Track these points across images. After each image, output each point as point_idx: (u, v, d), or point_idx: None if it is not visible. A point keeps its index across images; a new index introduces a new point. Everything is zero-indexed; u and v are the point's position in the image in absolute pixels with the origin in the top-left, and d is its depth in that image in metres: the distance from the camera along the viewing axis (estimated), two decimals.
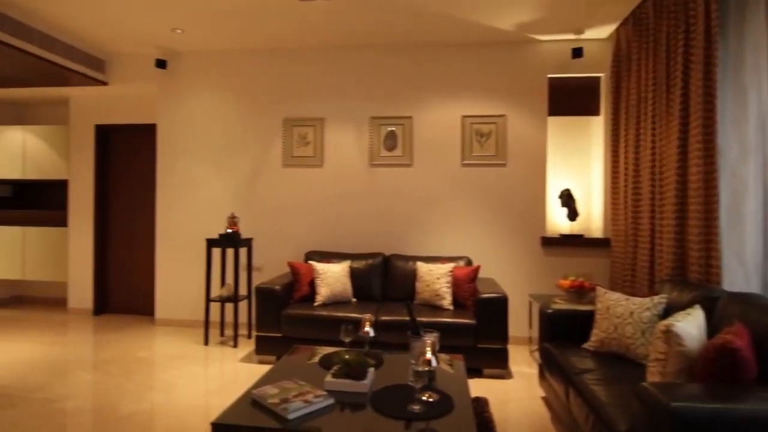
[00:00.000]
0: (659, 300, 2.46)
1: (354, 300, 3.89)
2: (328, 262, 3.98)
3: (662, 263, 3.01)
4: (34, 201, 5.86)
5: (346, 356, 2.14)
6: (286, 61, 4.56)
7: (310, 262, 3.92)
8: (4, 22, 3.69)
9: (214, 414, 2.73)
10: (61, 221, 5.37)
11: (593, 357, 2.51)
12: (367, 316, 2.44)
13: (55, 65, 4.23)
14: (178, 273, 4.72)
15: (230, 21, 3.94)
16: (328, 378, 2.06)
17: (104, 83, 4.82)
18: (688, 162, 2.79)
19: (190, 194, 4.70)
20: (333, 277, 3.74)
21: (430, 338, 2.01)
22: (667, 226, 2.96)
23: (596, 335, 2.61)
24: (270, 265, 4.54)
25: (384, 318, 3.42)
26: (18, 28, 3.81)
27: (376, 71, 4.44)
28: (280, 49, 4.57)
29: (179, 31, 4.16)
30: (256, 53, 4.60)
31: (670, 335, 1.92)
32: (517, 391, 3.18)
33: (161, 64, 4.60)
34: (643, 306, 2.46)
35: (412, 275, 3.91)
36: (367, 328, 2.40)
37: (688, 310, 2.11)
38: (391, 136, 4.38)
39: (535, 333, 4.11)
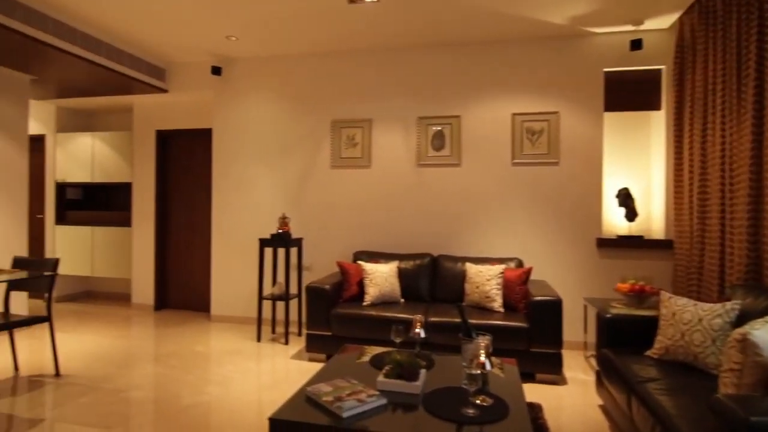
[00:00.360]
0: (732, 306, 2.29)
1: (402, 300, 3.89)
2: (376, 262, 4.00)
3: (733, 267, 2.81)
4: (101, 203, 6.27)
5: (398, 357, 2.14)
6: (335, 63, 4.63)
7: (359, 262, 3.96)
8: (76, 37, 3.97)
9: (268, 409, 2.82)
10: (126, 222, 5.71)
11: (657, 365, 2.38)
12: (418, 317, 2.42)
13: (121, 75, 4.51)
14: (232, 271, 4.90)
15: (281, 27, 4.04)
16: (380, 378, 2.07)
17: (165, 91, 5.08)
18: (763, 158, 2.59)
19: (244, 195, 4.86)
20: (381, 278, 3.75)
21: (483, 341, 1.97)
22: (739, 227, 2.76)
23: (660, 342, 2.47)
24: (319, 265, 4.62)
25: (433, 319, 3.40)
26: (89, 42, 4.09)
27: (423, 71, 4.42)
28: (328, 53, 4.65)
29: (233, 38, 4.32)
30: (306, 57, 4.70)
31: (746, 344, 1.78)
32: (572, 398, 3.07)
33: (216, 71, 4.79)
34: (714, 312, 2.30)
35: (461, 276, 3.86)
36: (418, 329, 2.39)
37: (767, 318, 1.95)
38: (439, 135, 4.35)
39: (591, 338, 3.96)
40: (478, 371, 1.86)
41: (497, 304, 3.52)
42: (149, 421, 2.63)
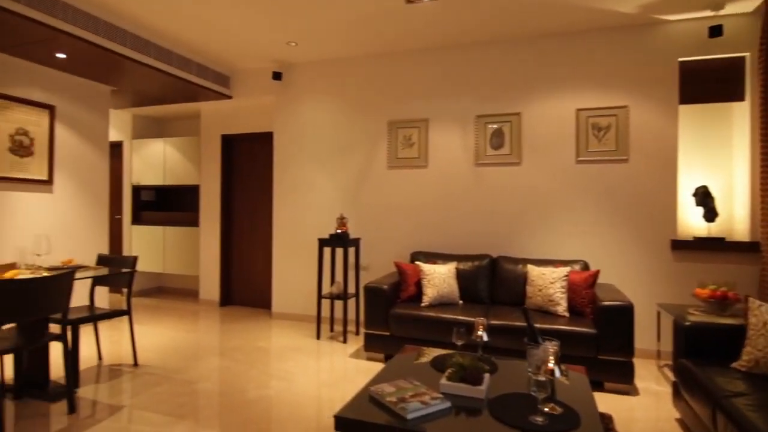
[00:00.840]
0: None
1: (461, 302, 3.83)
2: (434, 263, 3.97)
3: None
4: (172, 204, 6.67)
5: (461, 360, 2.11)
6: (391, 64, 4.64)
7: (417, 262, 3.94)
8: (150, 49, 4.23)
9: (329, 406, 2.86)
10: (194, 222, 6.04)
11: (746, 379, 2.18)
12: (480, 319, 2.37)
13: (190, 83, 4.77)
14: (292, 270, 5.04)
15: (338, 31, 4.11)
16: (444, 381, 2.04)
17: (229, 97, 5.32)
18: None
19: (303, 196, 4.99)
20: (439, 279, 3.71)
21: (552, 347, 1.90)
22: None
23: (749, 354, 2.26)
24: (376, 265, 4.65)
25: (493, 322, 3.32)
26: (162, 53, 4.35)
27: (481, 68, 4.33)
28: (384, 54, 4.67)
29: (293, 44, 4.44)
30: (363, 59, 4.75)
31: None
32: (645, 410, 2.88)
33: (277, 76, 4.95)
34: None
35: (522, 278, 3.74)
36: (481, 332, 2.34)
37: None
38: (498, 134, 4.24)
39: (664, 346, 3.72)
40: (547, 378, 1.79)
41: (562, 308, 3.38)
42: (217, 413, 2.75)
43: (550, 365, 1.84)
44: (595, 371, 3.08)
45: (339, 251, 4.75)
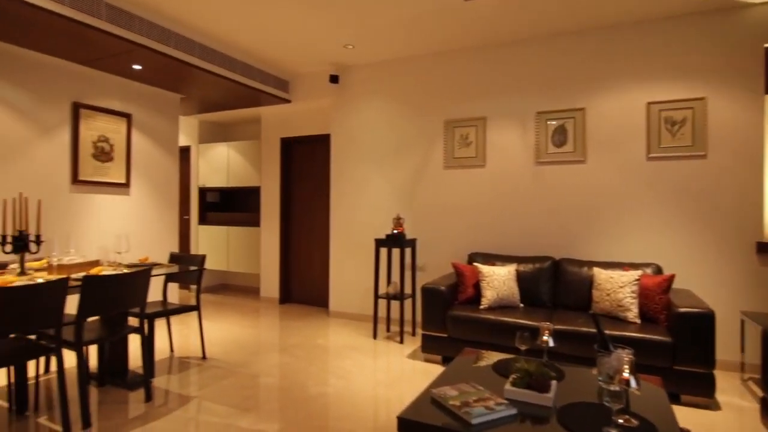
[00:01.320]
0: None
1: (521, 305, 3.71)
2: (492, 264, 3.88)
3: None
4: (235, 205, 6.97)
5: (526, 365, 2.04)
6: (448, 63, 4.59)
7: (475, 264, 3.87)
8: (217, 58, 4.44)
9: (387, 405, 2.87)
10: (255, 222, 6.28)
11: None
12: (546, 324, 2.28)
13: (252, 89, 4.96)
14: (349, 269, 5.11)
15: (395, 31, 4.11)
16: (508, 386, 1.98)
17: (288, 101, 5.48)
18: None
19: (359, 196, 5.04)
20: (499, 281, 3.62)
21: (627, 355, 1.79)
22: None
23: None
24: (432, 265, 4.62)
25: (557, 327, 3.18)
26: (226, 61, 4.55)
27: (541, 63, 4.18)
28: (441, 53, 4.62)
29: (350, 46, 4.50)
30: (418, 59, 4.73)
31: None
32: (728, 426, 2.66)
33: (334, 79, 5.04)
34: None
35: (588, 282, 3.57)
36: (547, 337, 2.25)
37: None
38: (561, 130, 4.08)
39: (750, 358, 3.41)
40: (622, 388, 1.69)
41: (632, 314, 3.18)
42: (280, 407, 2.84)
43: (625, 374, 1.74)
44: (670, 382, 2.87)
45: (395, 251, 4.76)
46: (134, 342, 3.91)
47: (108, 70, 4.42)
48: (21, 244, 2.63)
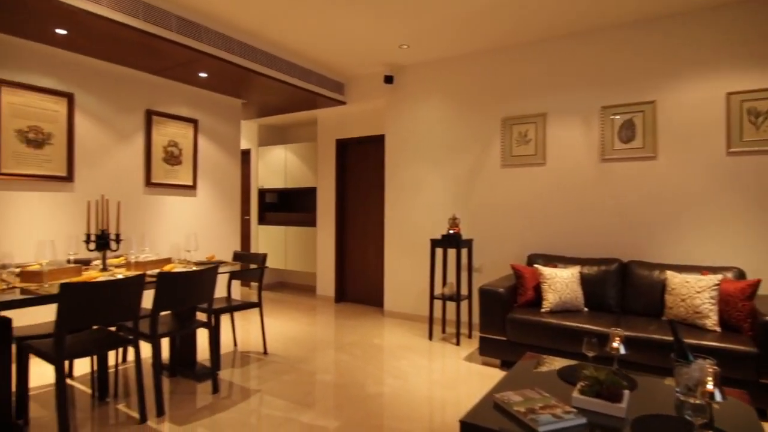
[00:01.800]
0: None
1: (585, 309, 3.55)
2: (554, 266, 3.73)
3: None
4: (292, 205, 7.18)
5: (595, 373, 1.94)
6: (504, 59, 4.47)
7: (535, 265, 3.74)
8: (276, 63, 4.59)
9: (445, 408, 2.83)
10: (312, 222, 6.43)
11: None
12: (617, 330, 2.16)
13: (309, 92, 5.08)
14: (403, 270, 5.11)
15: (451, 28, 4.06)
16: (576, 394, 1.89)
17: (343, 103, 5.56)
18: None
19: (413, 196, 5.03)
20: (561, 283, 3.48)
21: (710, 365, 1.65)
22: None
23: None
24: (489, 267, 4.52)
25: (627, 333, 3.01)
26: (285, 66, 4.69)
27: (605, 55, 3.97)
28: (497, 49, 4.51)
29: (405, 46, 4.50)
30: (474, 56, 4.65)
31: None
32: None
33: (389, 79, 5.05)
34: None
35: (659, 286, 3.35)
36: (617, 344, 2.13)
37: None
38: (628, 125, 3.85)
39: None
40: (705, 402, 1.56)
41: (711, 321, 2.95)
42: (340, 404, 2.88)
43: (709, 387, 1.61)
44: (755, 397, 2.63)
45: (451, 252, 4.70)
46: (201, 336, 4.11)
47: (176, 79, 4.69)
48: (103, 242, 2.84)
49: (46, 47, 3.75)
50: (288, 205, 7.23)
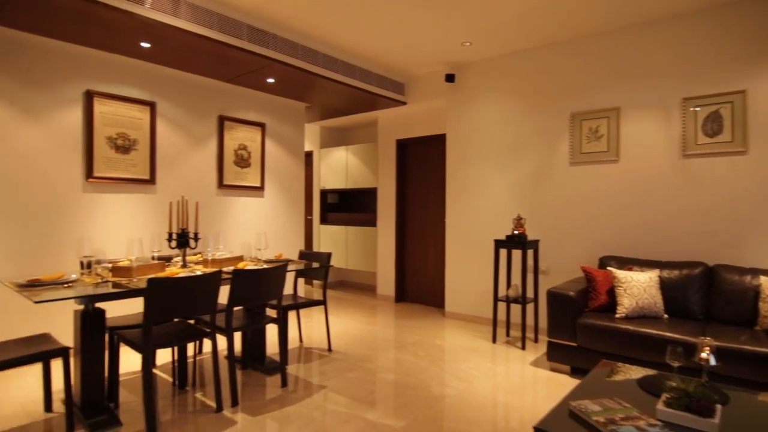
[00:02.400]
0: None
1: (665, 316, 3.31)
2: (629, 269, 3.52)
3: None
4: (353, 206, 7.29)
5: (682, 384, 1.80)
6: (573, 52, 4.28)
7: (609, 268, 3.54)
8: (338, 66, 4.68)
9: (511, 413, 2.75)
10: (372, 222, 6.49)
11: None
12: (706, 340, 2.00)
13: (370, 94, 5.14)
14: (465, 270, 5.03)
15: (516, 22, 3.94)
16: (661, 406, 1.77)
17: (404, 103, 5.57)
18: None
19: (476, 196, 4.94)
20: (638, 288, 3.27)
21: None
22: None
23: None
24: (556, 269, 4.34)
25: (716, 343, 2.77)
26: (347, 69, 4.77)
27: (686, 43, 3.68)
28: (565, 42, 4.33)
29: (468, 43, 4.43)
30: (540, 50, 4.49)
31: None
32: None
33: (450, 78, 5.00)
34: None
35: (752, 293, 3.06)
36: (707, 355, 1.97)
37: None
38: (714, 117, 3.55)
39: None
40: None
41: None
42: (405, 404, 2.88)
43: None
44: None
45: (515, 253, 4.56)
46: (269, 331, 4.28)
47: (246, 85, 4.91)
48: (183, 240, 3.03)
49: (131, 60, 4.07)
50: (349, 206, 7.36)
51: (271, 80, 4.70)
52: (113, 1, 3.04)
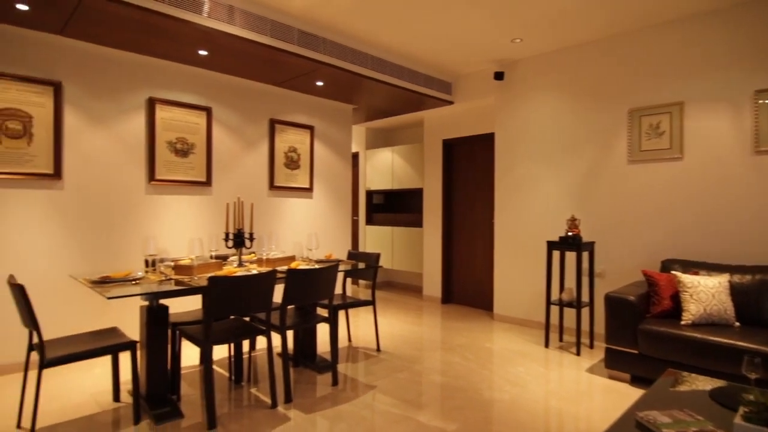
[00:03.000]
0: None
1: (737, 324, 3.09)
2: (695, 273, 3.32)
3: None
4: (398, 206, 7.30)
5: (762, 398, 1.67)
6: (629, 44, 4.08)
7: (672, 272, 3.35)
8: (386, 67, 4.69)
9: (567, 421, 2.66)
10: (418, 223, 6.47)
11: None
12: None
13: (417, 94, 5.12)
14: (515, 272, 4.92)
15: (570, 15, 3.81)
16: (740, 421, 1.64)
17: (451, 103, 5.52)
18: None
19: (526, 196, 4.81)
20: (706, 293, 3.07)
21: None
22: None
23: None
24: (612, 272, 4.16)
25: None
26: (394, 70, 4.78)
27: (754, 31, 3.42)
28: (621, 34, 4.14)
29: (518, 40, 4.32)
30: (592, 45, 4.31)
31: None
32: None
33: (499, 76, 4.90)
34: None
35: None
36: None
37: None
38: None
39: None
40: None
41: None
42: (456, 407, 2.84)
43: None
44: None
45: (568, 255, 4.41)
46: (320, 330, 4.35)
47: (295, 89, 5.02)
48: (240, 240, 3.14)
49: (189, 67, 4.25)
50: (394, 206, 7.37)
51: (320, 83, 4.78)
52: (174, 11, 3.20)
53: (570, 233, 3.95)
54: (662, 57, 3.90)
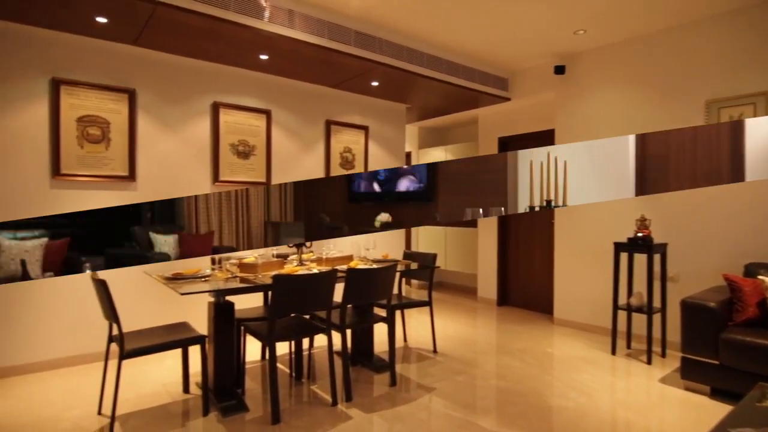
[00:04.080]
0: None
1: None
2: None
3: None
4: None
5: None
6: (704, 32, 3.78)
7: (759, 277, 3.08)
8: (441, 65, 4.63)
9: None
10: (473, 223, 6.35)
11: None
12: None
13: (472, 91, 5.02)
14: (577, 275, 4.70)
15: (637, 3, 3.59)
16: None
17: (507, 99, 5.37)
18: None
19: None
20: None
21: None
22: None
23: None
24: (686, 276, 3.88)
25: None
26: (449, 67, 4.71)
27: None
28: (696, 22, 3.84)
29: (581, 31, 4.13)
30: (661, 35, 4.04)
31: None
32: None
33: (560, 70, 4.71)
34: None
35: None
36: None
37: None
38: None
39: None
40: None
41: None
42: (519, 414, 2.74)
43: None
44: None
45: (637, 257, 4.15)
46: (377, 330, 4.36)
47: (351, 90, 5.07)
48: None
49: (250, 72, 4.39)
50: None
51: (374, 83, 4.79)
52: (238, 17, 3.31)
53: (640, 234, 3.73)
54: (740, 45, 3.59)
